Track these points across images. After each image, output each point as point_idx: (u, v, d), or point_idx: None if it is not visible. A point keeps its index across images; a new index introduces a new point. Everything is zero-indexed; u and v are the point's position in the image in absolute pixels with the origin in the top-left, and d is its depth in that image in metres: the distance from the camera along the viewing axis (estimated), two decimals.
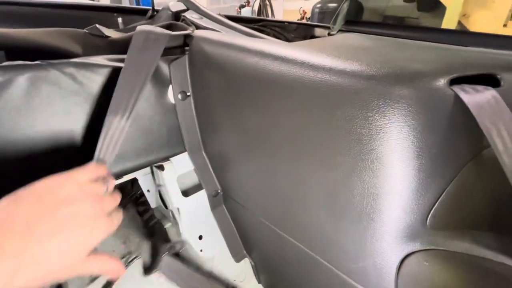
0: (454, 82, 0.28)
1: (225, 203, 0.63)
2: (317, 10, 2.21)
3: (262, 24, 0.69)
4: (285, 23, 0.65)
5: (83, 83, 0.39)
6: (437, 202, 0.31)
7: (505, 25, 1.72)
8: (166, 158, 0.53)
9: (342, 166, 0.34)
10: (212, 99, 0.49)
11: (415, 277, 0.34)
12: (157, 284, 0.56)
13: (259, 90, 0.41)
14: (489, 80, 0.30)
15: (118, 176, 0.47)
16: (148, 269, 0.58)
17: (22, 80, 0.35)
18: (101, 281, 0.54)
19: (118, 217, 0.33)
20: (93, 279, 0.54)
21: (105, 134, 0.36)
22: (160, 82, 0.48)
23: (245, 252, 0.67)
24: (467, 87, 0.28)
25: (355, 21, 0.52)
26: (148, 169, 0.61)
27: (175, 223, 0.64)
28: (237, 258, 0.65)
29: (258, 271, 0.68)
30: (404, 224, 0.33)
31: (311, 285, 0.51)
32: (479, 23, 1.80)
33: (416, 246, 0.33)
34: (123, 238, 0.64)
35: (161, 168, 0.55)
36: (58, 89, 0.37)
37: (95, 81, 0.40)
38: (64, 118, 0.39)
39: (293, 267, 0.53)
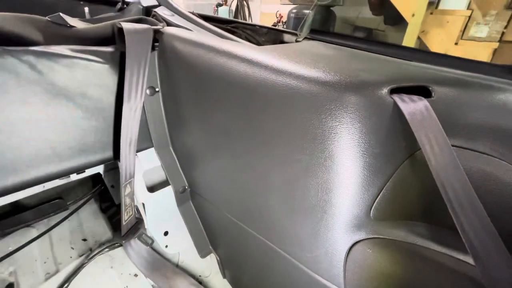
0: (394, 91, 0.33)
1: (192, 199, 0.64)
2: (292, 15, 2.28)
3: (234, 26, 0.71)
4: (257, 27, 0.67)
5: (43, 72, 0.38)
6: (379, 196, 0.35)
7: (456, 43, 1.92)
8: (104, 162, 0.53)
9: (299, 163, 0.37)
10: (180, 96, 0.50)
11: (360, 263, 0.38)
12: (117, 279, 0.55)
13: (225, 89, 0.43)
14: (423, 91, 0.35)
15: (83, 168, 0.46)
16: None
17: None
18: (58, 279, 0.51)
19: None
20: (48, 277, 0.52)
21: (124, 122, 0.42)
22: (123, 77, 0.47)
23: (210, 247, 0.68)
24: (404, 96, 0.33)
25: (320, 30, 0.56)
26: (113, 164, 0.60)
27: (141, 220, 0.64)
28: (203, 253, 0.66)
29: (223, 266, 0.69)
30: (352, 215, 0.37)
31: (272, 276, 0.53)
32: (435, 40, 2.00)
33: (361, 235, 0.37)
34: (84, 235, 0.61)
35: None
36: (15, 77, 0.36)
37: (57, 71, 0.39)
38: (22, 106, 0.37)
39: (256, 260, 0.56)
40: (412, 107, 0.32)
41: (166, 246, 0.63)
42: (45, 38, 0.41)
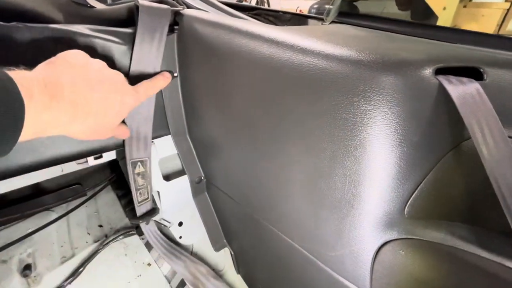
0: (439, 72, 0.29)
1: (208, 191, 0.62)
2: (313, 10, 2.22)
3: (256, 13, 0.68)
4: (280, 13, 0.64)
5: (63, 50, 0.37)
6: (416, 191, 0.31)
7: None
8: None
9: (326, 152, 0.34)
10: (199, 81, 0.48)
11: (390, 265, 0.34)
12: (130, 267, 0.54)
13: (247, 72, 0.40)
14: (473, 73, 0.30)
15: (98, 152, 0.45)
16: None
17: None
18: (73, 263, 0.52)
19: (146, 92, 0.39)
20: (64, 260, 0.52)
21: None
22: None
23: (225, 241, 0.66)
24: (452, 78, 0.29)
25: (348, 13, 0.52)
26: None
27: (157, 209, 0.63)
28: (217, 247, 0.65)
29: (237, 261, 0.67)
30: (382, 212, 0.33)
31: (289, 274, 0.51)
32: None
33: (393, 235, 0.33)
34: (100, 221, 0.61)
35: None
36: (31, 51, 0.35)
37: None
38: None
39: (273, 257, 0.53)
40: (462, 90, 0.28)
41: (180, 237, 0.61)
42: (65, 17, 0.41)
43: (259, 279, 0.62)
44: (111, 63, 0.43)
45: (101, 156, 0.55)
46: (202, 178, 0.60)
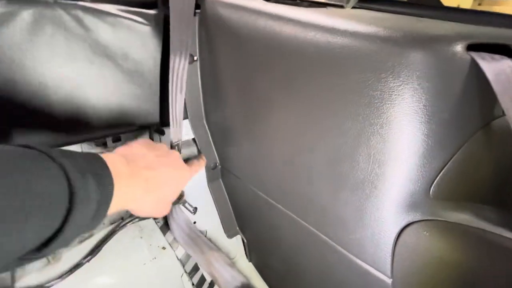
0: (471, 48, 0.28)
1: (222, 177, 0.62)
2: None
3: (275, 0, 0.68)
4: (298, 0, 0.64)
5: (89, 28, 0.38)
6: (443, 171, 0.31)
7: None
8: (166, 123, 0.52)
9: (350, 131, 0.34)
10: (219, 64, 0.48)
11: (413, 247, 0.34)
12: (146, 250, 0.55)
13: (270, 54, 0.40)
14: (504, 51, 0.30)
15: (118, 133, 0.46)
16: None
17: (25, 15, 0.33)
18: (91, 243, 0.53)
19: (196, 169, 0.46)
20: (82, 239, 0.53)
21: (172, 76, 0.43)
22: (167, 42, 0.46)
23: (238, 228, 0.66)
24: (484, 54, 0.28)
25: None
26: (147, 135, 0.60)
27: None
28: (230, 234, 0.65)
29: (249, 249, 0.67)
30: (407, 192, 0.32)
31: (305, 260, 0.50)
32: None
33: (417, 216, 0.33)
34: None
35: (162, 132, 0.54)
36: (63, 31, 0.36)
37: (102, 28, 0.39)
38: (68, 61, 0.37)
39: (287, 243, 0.53)
40: (496, 66, 0.27)
41: (195, 223, 0.62)
42: None
43: (272, 267, 0.62)
44: (137, 44, 0.43)
45: (119, 139, 0.55)
46: (218, 164, 0.60)
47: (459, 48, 0.28)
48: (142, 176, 0.32)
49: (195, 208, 0.53)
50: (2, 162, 0.19)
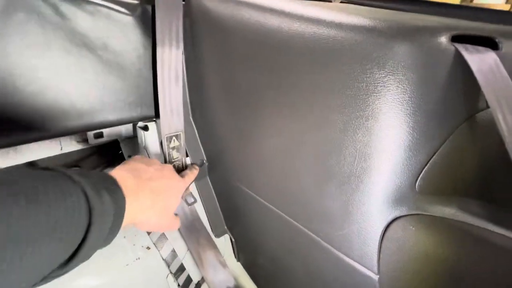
0: (455, 39, 0.28)
1: (209, 175, 0.61)
2: None
3: None
4: None
5: (66, 16, 0.36)
6: (428, 164, 0.31)
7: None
8: (151, 118, 0.51)
9: (337, 124, 0.33)
10: (204, 58, 0.47)
11: (400, 242, 0.34)
12: (129, 250, 0.53)
13: (256, 46, 0.39)
14: (488, 44, 0.29)
15: (99, 127, 0.44)
16: None
17: None
18: None
19: (189, 180, 0.46)
20: None
21: (162, 67, 0.43)
22: (150, 34, 0.45)
23: (226, 227, 0.65)
24: (469, 46, 0.28)
25: None
26: (131, 131, 0.58)
27: None
28: (217, 233, 0.63)
29: (238, 249, 0.66)
30: (393, 186, 0.32)
31: (293, 258, 0.49)
32: None
33: (403, 211, 0.33)
34: None
35: (146, 128, 0.52)
36: (37, 18, 0.34)
37: (80, 17, 0.37)
38: (43, 51, 0.35)
39: (275, 240, 0.52)
40: (479, 58, 0.27)
41: None
42: None
43: (260, 266, 0.61)
44: (118, 35, 0.42)
45: (101, 135, 0.53)
46: (204, 161, 0.59)
47: (443, 39, 0.27)
48: (147, 187, 0.34)
49: (195, 200, 0.52)
50: (27, 185, 0.20)
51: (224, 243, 0.68)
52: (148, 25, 0.44)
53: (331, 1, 0.52)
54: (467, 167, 0.31)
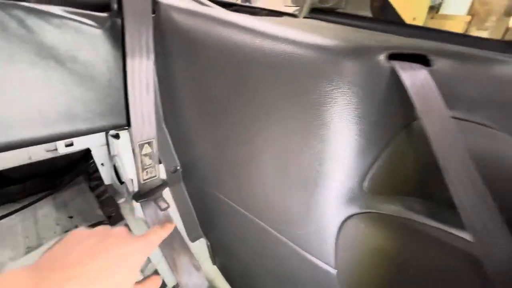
0: (392, 58, 0.32)
1: (184, 181, 0.62)
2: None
3: (234, 9, 0.70)
4: (257, 9, 0.66)
5: (32, 30, 0.37)
6: (373, 167, 0.34)
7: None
8: (123, 127, 0.52)
9: (295, 133, 0.36)
10: (174, 69, 0.49)
11: (353, 239, 0.37)
12: None
13: (222, 59, 0.42)
14: (422, 61, 0.34)
15: (69, 136, 0.44)
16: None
17: None
18: (39, 252, 0.50)
19: (159, 233, 0.36)
20: (29, 250, 0.50)
21: (132, 78, 0.43)
22: (120, 46, 0.46)
23: (201, 232, 0.66)
24: (403, 63, 0.32)
25: (320, 9, 0.55)
26: (103, 139, 0.58)
27: (129, 200, 0.62)
28: (192, 237, 0.65)
29: (213, 252, 0.67)
30: (344, 188, 0.35)
31: (262, 258, 0.52)
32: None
33: (354, 210, 0.36)
34: (70, 213, 0.60)
35: (117, 136, 0.53)
36: (2, 32, 0.35)
37: (47, 31, 0.38)
38: (8, 64, 0.36)
39: (247, 243, 0.54)
40: (412, 74, 0.31)
41: None
42: None
43: (234, 268, 0.63)
44: (86, 47, 0.43)
45: (72, 144, 0.54)
46: (178, 168, 0.60)
47: (381, 57, 0.31)
48: (57, 282, 0.24)
49: (168, 205, 0.52)
50: None
51: (200, 247, 0.69)
52: (118, 37, 0.45)
53: (297, 16, 0.56)
54: (407, 169, 0.35)
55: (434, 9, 2.43)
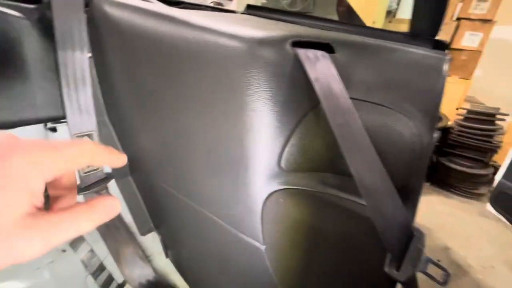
0: (296, 45, 0.35)
1: (132, 174, 0.63)
2: None
3: (181, 7, 0.72)
4: (202, 6, 0.69)
5: None
6: (288, 145, 0.37)
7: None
8: (59, 119, 0.51)
9: (219, 117, 0.39)
10: (110, 62, 0.50)
11: (274, 214, 0.40)
12: None
13: (151, 49, 0.43)
14: (328, 49, 0.38)
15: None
16: None
17: None
18: None
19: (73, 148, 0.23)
20: None
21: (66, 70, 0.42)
22: (51, 38, 0.46)
23: (152, 225, 0.67)
24: (307, 50, 0.35)
25: (256, 6, 0.59)
26: (42, 135, 0.57)
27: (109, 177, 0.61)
28: (143, 231, 0.65)
29: (165, 246, 0.68)
30: (265, 167, 0.38)
31: (206, 244, 0.54)
32: None
33: (274, 187, 0.39)
34: None
35: (54, 130, 0.52)
36: None
37: None
38: None
39: (192, 231, 0.56)
40: (313, 60, 0.35)
41: None
42: None
43: (185, 259, 0.64)
44: (12, 37, 0.42)
45: None
46: None
47: (287, 45, 0.34)
48: None
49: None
50: None
51: (153, 241, 0.69)
52: (49, 29, 0.45)
53: (235, 12, 0.59)
54: (318, 147, 0.38)
55: (391, 13, 2.62)
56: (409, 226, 0.34)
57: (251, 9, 0.59)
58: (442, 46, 0.40)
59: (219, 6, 0.65)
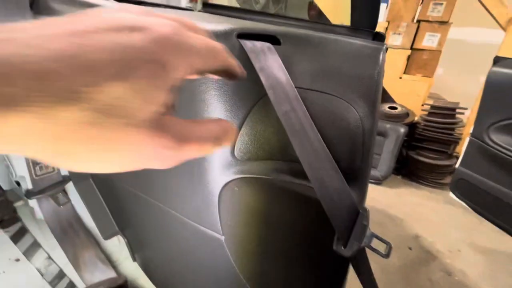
0: (241, 37, 0.36)
1: (92, 176, 0.61)
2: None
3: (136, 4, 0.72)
4: (161, 5, 0.69)
5: None
6: (240, 135, 0.38)
7: None
8: None
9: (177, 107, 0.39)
10: None
11: (229, 203, 0.40)
12: None
13: None
14: (275, 42, 0.39)
15: None
16: None
17: None
18: None
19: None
20: None
21: None
22: None
23: (117, 229, 0.65)
24: (252, 42, 0.37)
25: (212, 4, 0.60)
26: None
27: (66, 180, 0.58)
28: (106, 235, 0.63)
29: (132, 249, 0.66)
30: (220, 157, 0.39)
31: (169, 242, 0.53)
32: None
33: (229, 176, 0.40)
34: None
35: None
36: None
37: None
38: None
39: (156, 230, 0.55)
40: (257, 50, 0.36)
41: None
42: None
43: (152, 261, 0.62)
44: None
45: None
46: None
47: (232, 37, 0.35)
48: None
49: (68, 200, 0.50)
50: None
51: (119, 246, 0.67)
52: None
53: (193, 10, 0.60)
54: (268, 136, 0.40)
55: None
56: (355, 205, 0.36)
57: (207, 7, 0.59)
58: (380, 38, 0.43)
59: (174, 6, 0.65)
